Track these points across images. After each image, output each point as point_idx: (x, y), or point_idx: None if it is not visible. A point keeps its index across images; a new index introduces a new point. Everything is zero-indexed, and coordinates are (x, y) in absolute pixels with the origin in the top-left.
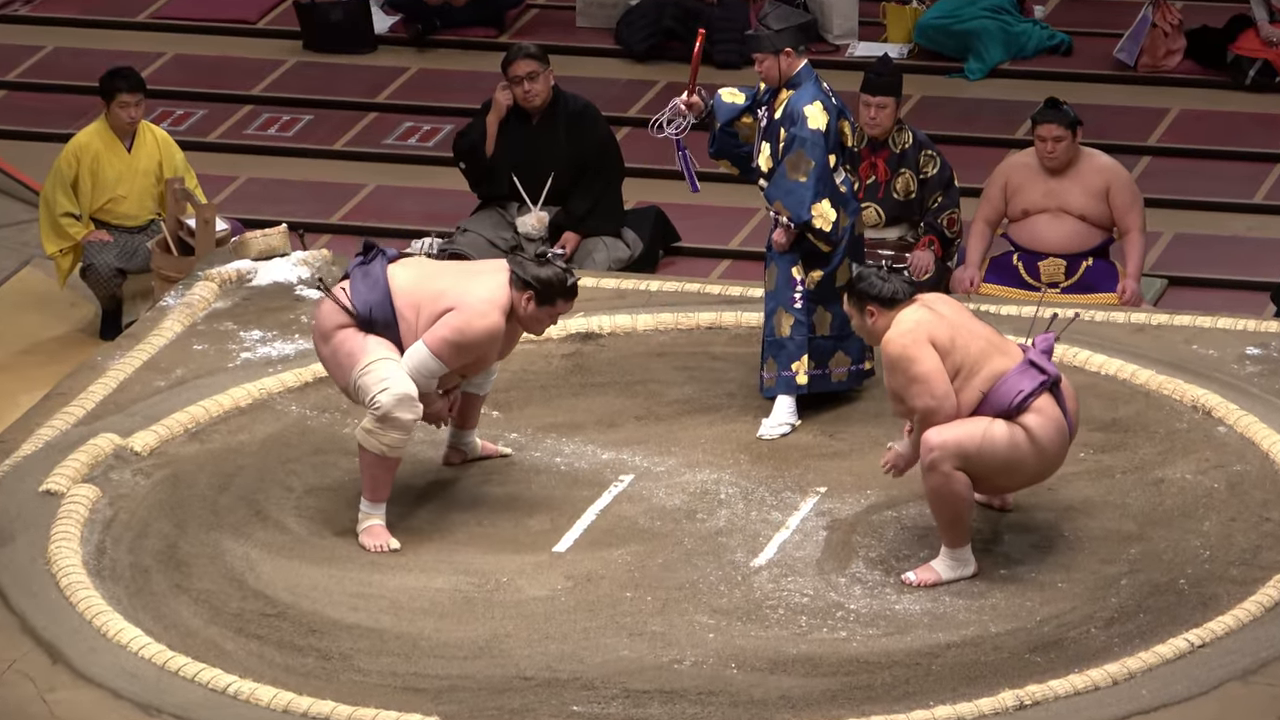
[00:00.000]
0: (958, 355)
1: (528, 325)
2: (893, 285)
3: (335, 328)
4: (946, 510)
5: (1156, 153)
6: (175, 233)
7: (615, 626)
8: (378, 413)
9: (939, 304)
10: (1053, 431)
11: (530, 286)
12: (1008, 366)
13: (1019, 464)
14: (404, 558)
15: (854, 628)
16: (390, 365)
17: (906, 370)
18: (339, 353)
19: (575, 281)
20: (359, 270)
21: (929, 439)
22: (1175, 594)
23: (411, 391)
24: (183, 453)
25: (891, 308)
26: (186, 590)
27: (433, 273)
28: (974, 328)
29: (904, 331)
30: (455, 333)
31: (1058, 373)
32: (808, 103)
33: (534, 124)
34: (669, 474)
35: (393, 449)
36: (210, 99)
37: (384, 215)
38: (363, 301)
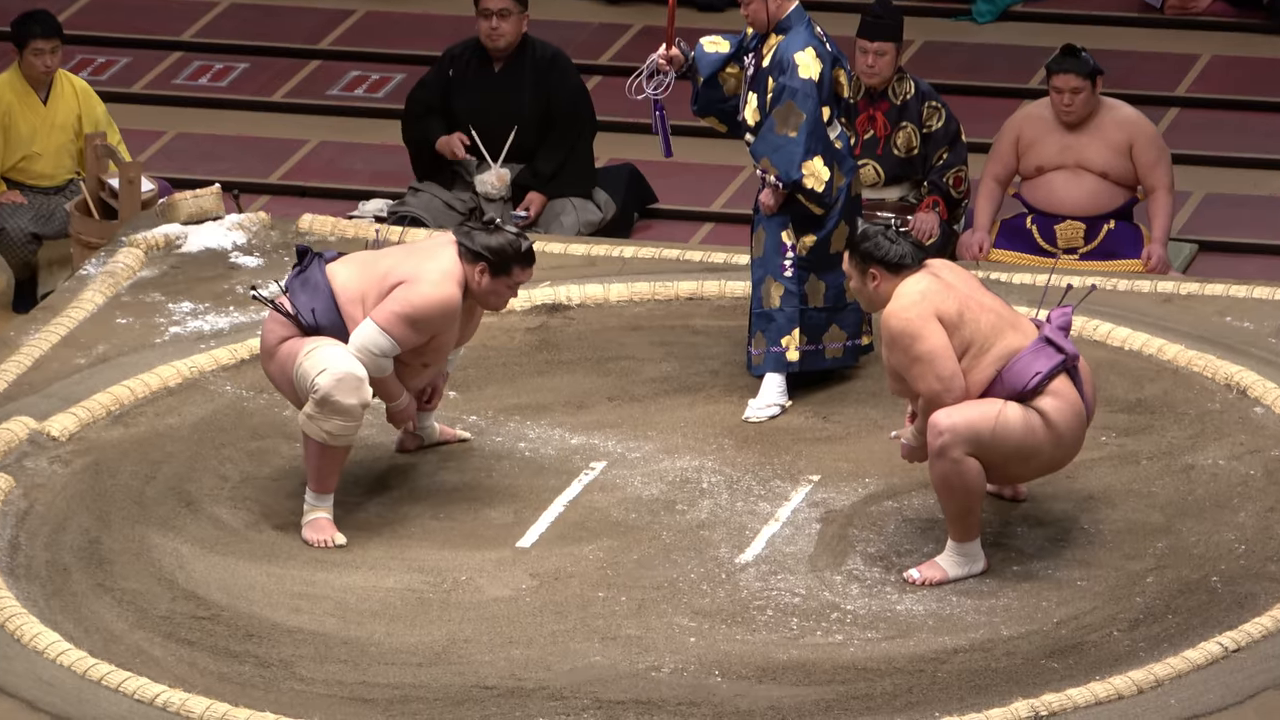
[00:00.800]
0: (967, 330)
1: (485, 301)
2: (901, 248)
3: (279, 342)
4: (955, 500)
5: (1185, 104)
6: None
7: (586, 630)
8: (317, 395)
9: (946, 272)
10: (1070, 416)
11: (481, 257)
12: (1021, 344)
13: (1034, 451)
14: (351, 554)
15: (851, 631)
16: (332, 347)
17: (909, 348)
18: (284, 363)
19: (530, 246)
20: (297, 280)
21: (937, 421)
22: (1207, 593)
23: (356, 372)
24: (105, 438)
25: (897, 273)
26: (110, 590)
27: (374, 259)
28: (984, 300)
29: (907, 304)
30: (405, 305)
31: (1076, 352)
32: (799, 49)
33: (497, 71)
34: (645, 461)
35: (336, 436)
36: (135, 45)
37: (328, 174)
38: (306, 308)
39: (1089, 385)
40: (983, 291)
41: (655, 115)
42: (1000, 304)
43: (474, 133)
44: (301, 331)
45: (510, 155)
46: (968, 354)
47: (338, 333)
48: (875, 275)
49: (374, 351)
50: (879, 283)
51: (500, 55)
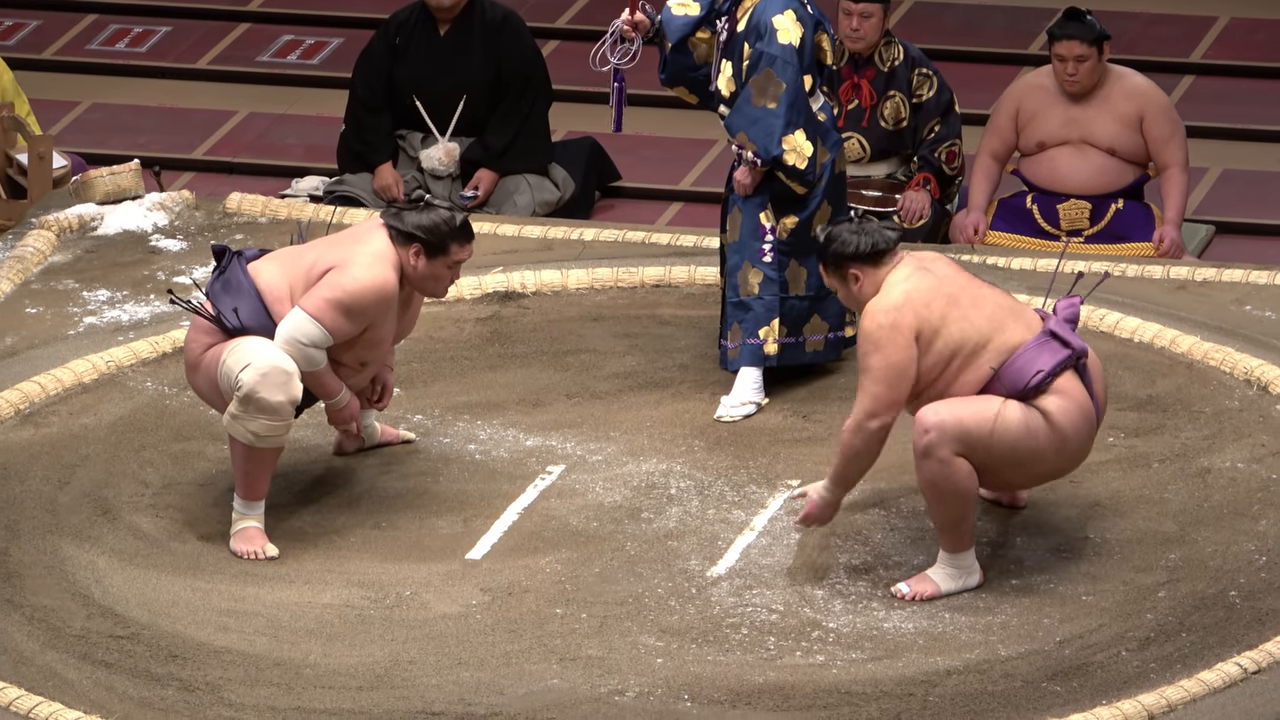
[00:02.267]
0: (955, 330)
1: (424, 286)
2: (870, 236)
3: (204, 350)
4: (945, 507)
5: (1201, 71)
6: (3, 171)
7: (543, 650)
8: (240, 393)
9: (936, 265)
10: (1077, 417)
11: (414, 238)
12: (1024, 338)
13: (1035, 455)
14: (284, 567)
15: (834, 650)
16: (255, 341)
17: (866, 355)
18: (211, 369)
19: (467, 219)
20: (217, 283)
21: (923, 418)
22: (1225, 608)
23: (283, 366)
24: (13, 439)
25: (878, 264)
26: (19, 607)
27: (299, 253)
28: (979, 293)
29: (887, 306)
30: (336, 289)
31: (1084, 346)
32: (777, 12)
33: (443, 36)
34: (607, 464)
35: (263, 438)
36: (44, 6)
37: (258, 149)
38: (228, 308)
39: (1099, 383)
40: (978, 285)
41: (613, 86)
42: (999, 294)
43: (419, 103)
44: (227, 336)
45: (459, 128)
46: (959, 355)
47: (266, 334)
48: (857, 275)
49: (303, 341)
50: (863, 280)
51: (446, 17)
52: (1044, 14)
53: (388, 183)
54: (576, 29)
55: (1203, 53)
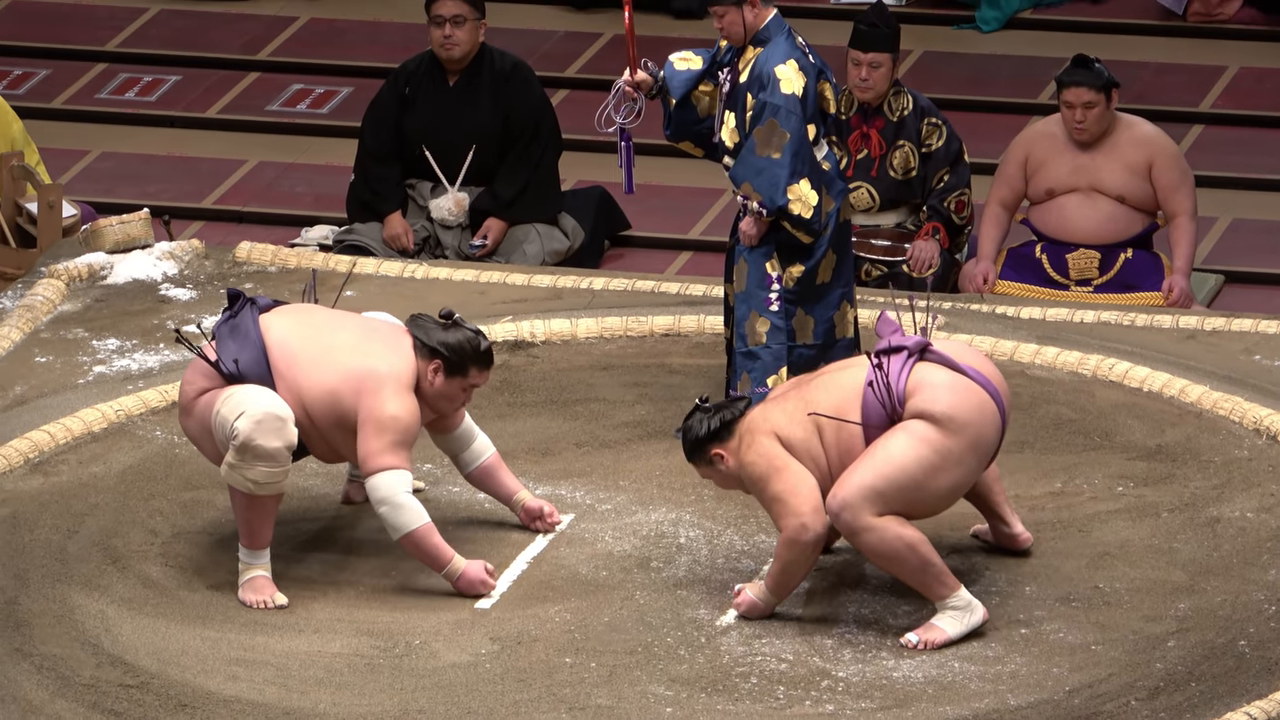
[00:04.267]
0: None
1: (434, 403)
2: (718, 414)
3: (198, 395)
4: (904, 565)
5: (1210, 120)
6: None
7: (552, 699)
8: (236, 441)
9: (774, 392)
10: (949, 395)
11: (436, 354)
12: (862, 376)
13: (941, 456)
14: (294, 616)
15: (843, 700)
16: (250, 389)
17: (763, 490)
18: (204, 415)
19: (490, 346)
20: (225, 326)
21: (830, 506)
22: (1234, 658)
23: (277, 412)
24: (23, 488)
25: (732, 436)
26: (29, 656)
27: (320, 324)
28: (803, 378)
29: (744, 449)
30: (386, 432)
31: (919, 339)
32: (779, 62)
33: (453, 86)
34: (617, 513)
35: (262, 485)
36: (55, 55)
37: (267, 198)
38: (230, 355)
39: (967, 354)
40: (807, 376)
41: (620, 146)
42: (834, 365)
43: (428, 153)
44: (224, 382)
45: (468, 177)
46: (825, 435)
47: (263, 384)
48: (720, 453)
49: (401, 491)
50: (727, 459)
51: (456, 67)
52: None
53: (397, 232)
54: (585, 78)
55: (1211, 102)
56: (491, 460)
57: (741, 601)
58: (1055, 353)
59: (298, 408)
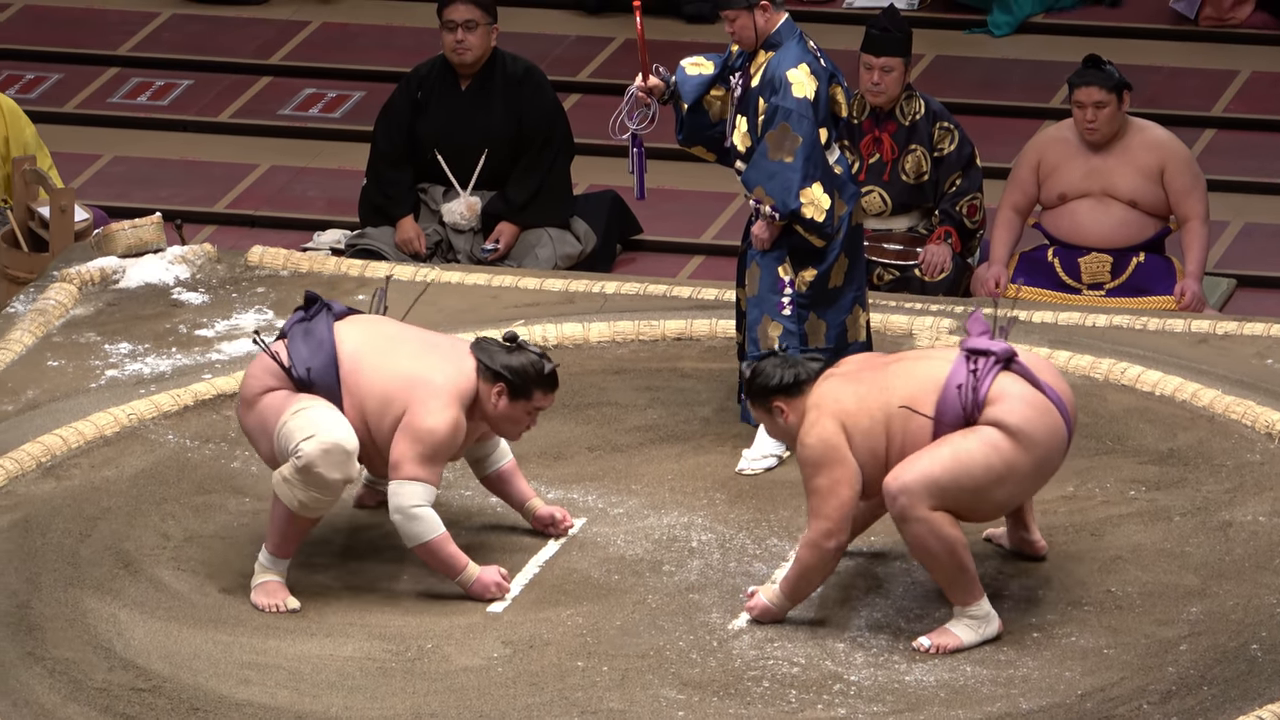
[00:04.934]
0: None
1: (499, 426)
2: (793, 368)
3: (264, 391)
4: (941, 564)
5: (1222, 124)
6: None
7: (564, 703)
8: (299, 462)
9: (842, 365)
10: (1028, 412)
11: (500, 378)
12: (945, 371)
13: (1008, 468)
14: (306, 620)
15: (855, 704)
16: (324, 411)
17: (809, 479)
18: (266, 415)
19: (554, 369)
20: (299, 328)
21: (888, 485)
22: (1246, 661)
23: (345, 445)
24: (35, 492)
25: (800, 394)
26: (41, 659)
27: (389, 338)
28: (882, 359)
29: (812, 427)
30: (416, 444)
31: (1007, 347)
32: (791, 66)
33: (465, 90)
34: (629, 517)
35: (308, 507)
36: (67, 60)
37: (280, 202)
38: (302, 362)
39: (1045, 373)
40: (879, 355)
41: (632, 152)
42: (908, 355)
43: (440, 157)
44: (291, 385)
45: (480, 182)
46: (893, 424)
47: (330, 396)
48: (781, 407)
49: (419, 504)
50: (787, 413)
51: (468, 72)
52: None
53: (409, 236)
54: (598, 83)
55: (1224, 106)
56: (508, 466)
57: (754, 605)
58: (1067, 356)
59: (359, 420)
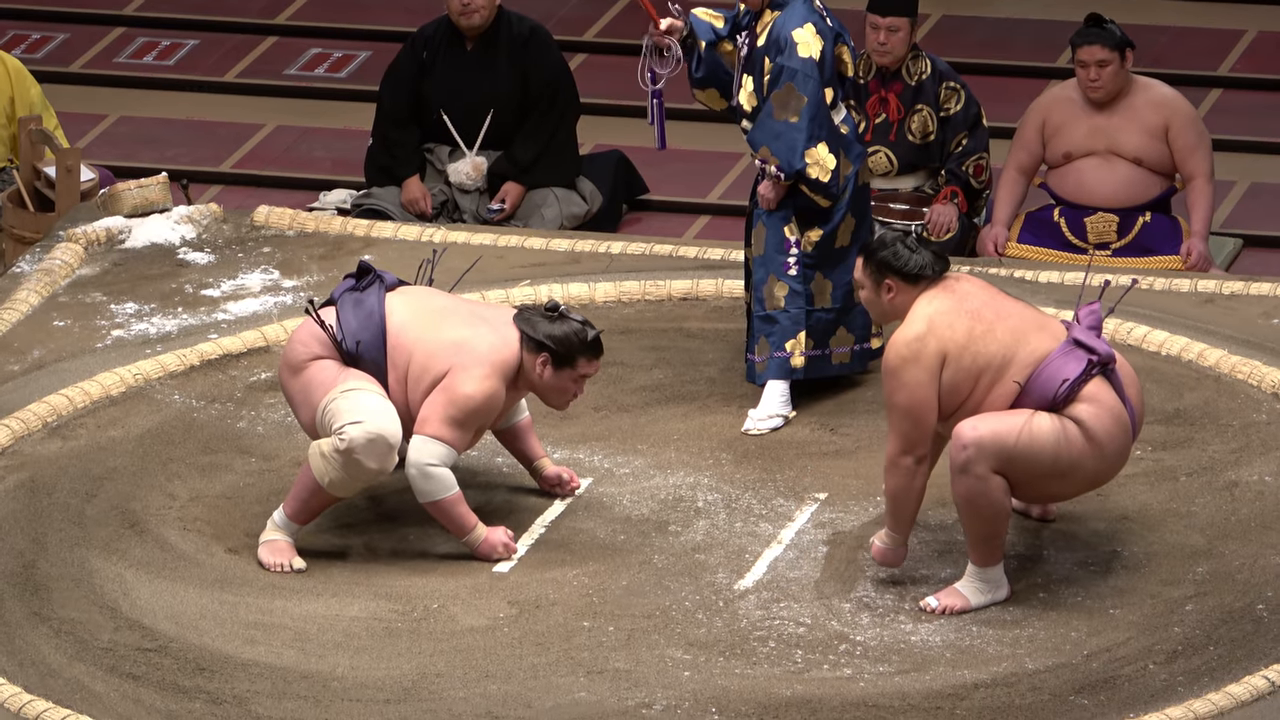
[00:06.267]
0: (979, 349)
1: (547, 396)
2: (920, 258)
3: (311, 359)
4: (980, 522)
5: (1228, 84)
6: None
7: (570, 663)
8: (341, 445)
9: (961, 284)
10: (1110, 422)
11: (544, 348)
12: (1050, 347)
13: (1071, 465)
14: (312, 580)
15: (861, 664)
16: (375, 398)
17: (892, 393)
18: (311, 384)
19: (598, 335)
20: (350, 297)
21: (961, 433)
22: (1252, 622)
23: (389, 437)
24: (41, 452)
25: (914, 284)
26: (47, 620)
27: (435, 312)
28: (1003, 307)
29: (910, 338)
30: (449, 406)
31: (1110, 351)
32: (797, 25)
33: (470, 50)
34: (635, 477)
35: (337, 486)
36: (73, 19)
37: (286, 162)
38: (352, 335)
39: (1132, 387)
40: (1001, 298)
41: (652, 104)
42: (1023, 307)
43: (446, 117)
44: (339, 355)
45: (486, 141)
46: (987, 372)
47: (376, 370)
48: (891, 287)
49: (434, 463)
50: (895, 295)
51: (474, 33)
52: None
53: (415, 196)
54: (603, 42)
55: (1230, 66)
56: (525, 422)
57: (875, 553)
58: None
59: (399, 389)
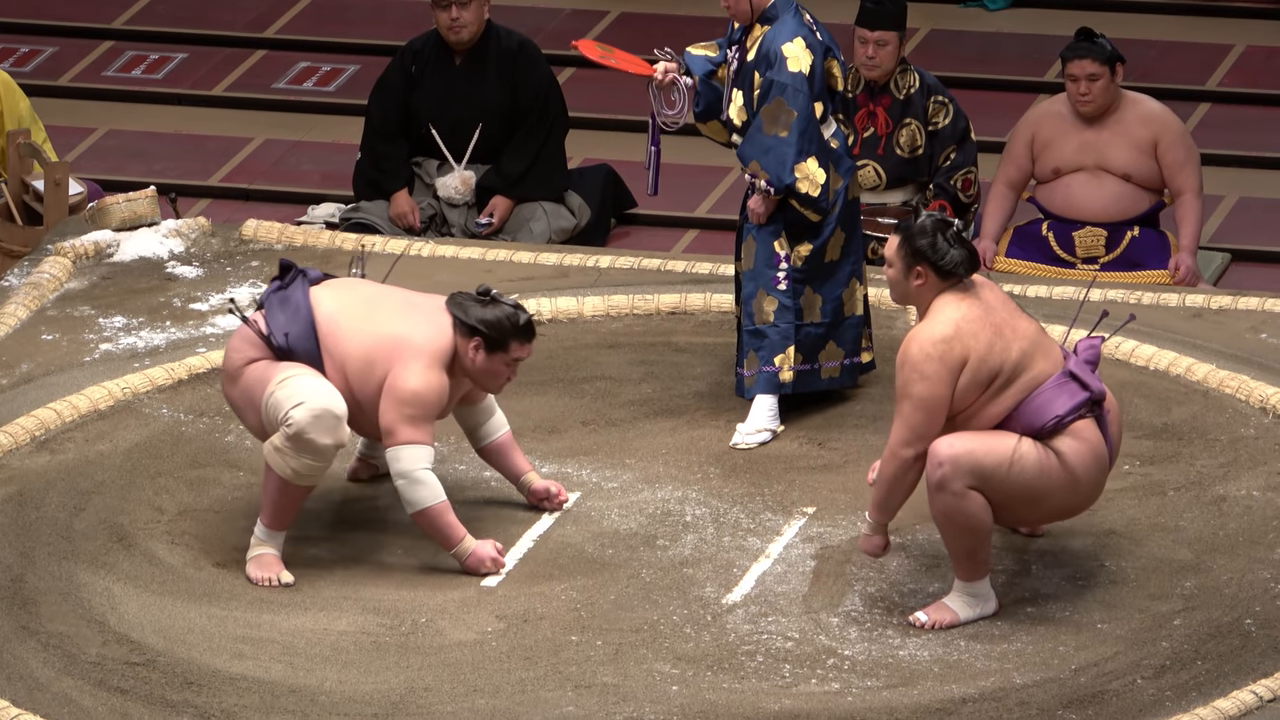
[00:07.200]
0: (995, 361)
1: (480, 380)
2: (957, 254)
3: (246, 363)
4: (960, 538)
5: (1216, 98)
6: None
7: (558, 677)
8: (290, 430)
9: (985, 291)
10: (1089, 460)
11: (476, 332)
12: (1048, 373)
13: (1045, 494)
14: (300, 594)
15: (849, 678)
16: (310, 378)
17: (909, 383)
18: (250, 387)
19: (530, 319)
20: (276, 296)
21: (937, 450)
22: (1240, 636)
23: (334, 410)
24: (29, 466)
25: (944, 280)
26: (35, 633)
27: (366, 300)
28: (1019, 325)
29: (937, 338)
30: (404, 406)
31: (1102, 389)
32: (786, 40)
33: (459, 64)
34: (623, 491)
35: (302, 475)
36: (61, 33)
37: (274, 175)
38: (280, 329)
39: (1115, 426)
40: (1018, 315)
41: (650, 150)
42: (1034, 328)
43: (434, 131)
44: (271, 353)
45: (475, 155)
46: (993, 385)
47: (311, 361)
48: (921, 274)
49: (422, 467)
50: (923, 283)
51: (462, 48)
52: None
53: (403, 210)
54: None
55: (1218, 80)
56: (504, 438)
57: (861, 544)
58: (1061, 331)
59: (341, 382)
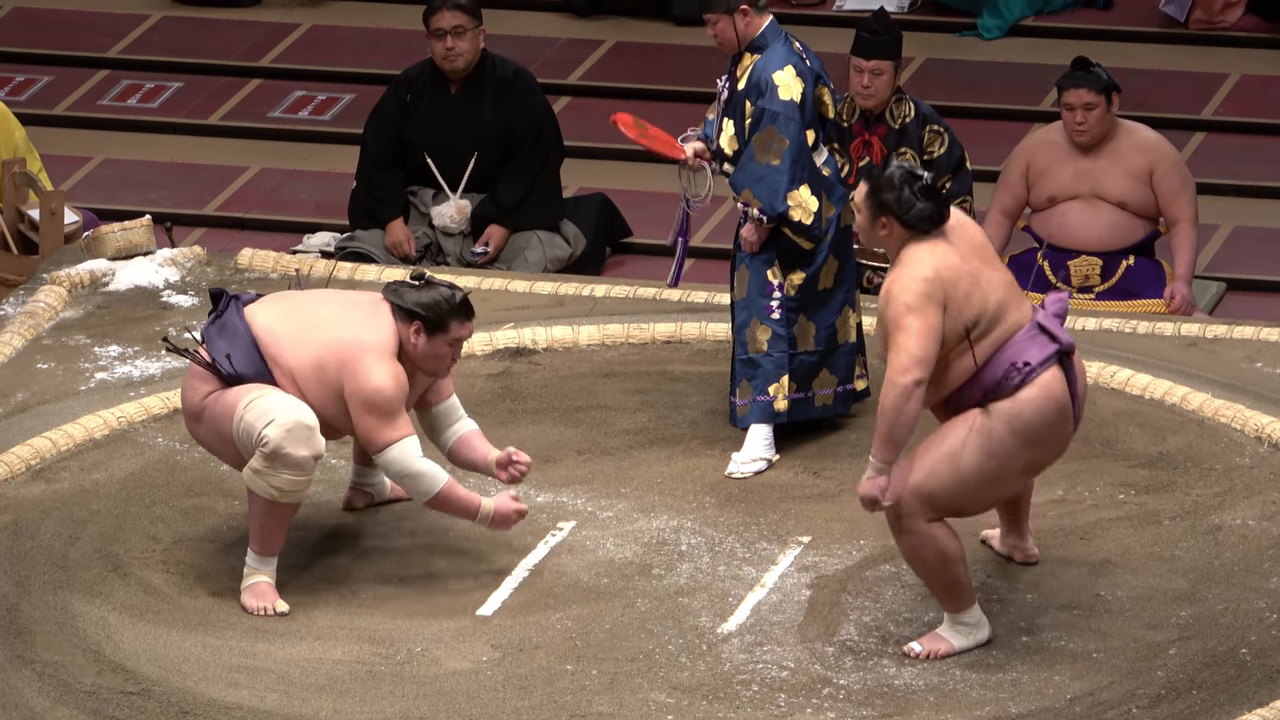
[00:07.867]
0: (973, 309)
1: (424, 364)
2: (923, 210)
3: (204, 399)
4: (934, 573)
5: (1212, 128)
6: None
7: (553, 707)
8: (266, 449)
9: (963, 235)
10: (1052, 414)
11: (415, 315)
12: (1019, 325)
13: (1004, 468)
14: (295, 623)
15: (844, 707)
16: (274, 395)
17: (900, 317)
18: (216, 419)
19: (466, 296)
20: (214, 326)
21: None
22: (1235, 666)
23: (305, 420)
24: (24, 495)
25: (907, 229)
26: (30, 663)
27: (301, 304)
28: (994, 275)
29: (919, 277)
30: (375, 406)
31: (1071, 342)
32: (777, 68)
33: (454, 93)
34: (618, 520)
35: (286, 493)
36: (57, 62)
37: (269, 204)
38: (222, 354)
39: (1082, 380)
40: (991, 263)
41: (679, 241)
42: (1008, 278)
43: (430, 160)
44: (223, 383)
45: (470, 184)
46: (970, 334)
47: (262, 379)
48: (886, 225)
49: (415, 461)
50: (889, 233)
51: (458, 76)
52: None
53: (399, 239)
54: (587, 85)
55: (1214, 109)
56: (470, 433)
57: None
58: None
59: (295, 392)
